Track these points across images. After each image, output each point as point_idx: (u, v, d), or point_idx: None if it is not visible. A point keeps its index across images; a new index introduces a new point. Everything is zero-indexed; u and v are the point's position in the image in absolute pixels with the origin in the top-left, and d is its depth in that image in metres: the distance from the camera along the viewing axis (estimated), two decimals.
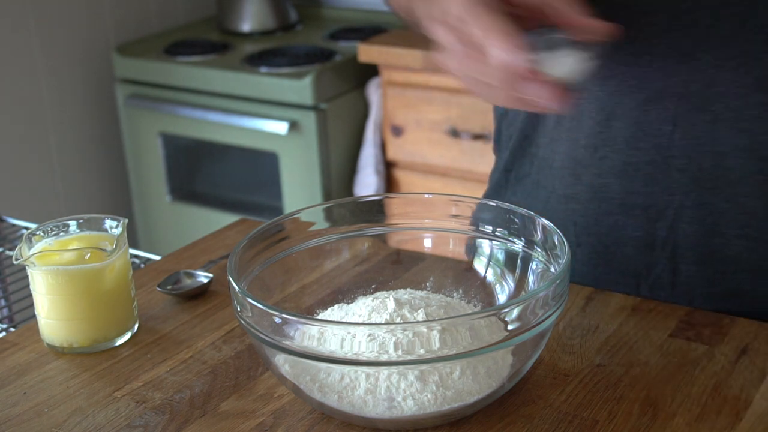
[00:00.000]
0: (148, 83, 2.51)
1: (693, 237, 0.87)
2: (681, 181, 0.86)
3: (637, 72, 0.85)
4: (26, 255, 0.83)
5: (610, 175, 0.89)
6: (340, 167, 2.38)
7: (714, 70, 0.82)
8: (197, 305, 0.91)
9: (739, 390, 0.74)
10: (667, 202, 0.87)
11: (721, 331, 0.82)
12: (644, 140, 0.86)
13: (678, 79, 0.83)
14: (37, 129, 2.47)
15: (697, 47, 0.82)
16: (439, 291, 0.85)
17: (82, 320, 0.84)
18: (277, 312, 0.69)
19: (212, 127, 2.44)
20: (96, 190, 2.66)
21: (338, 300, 0.84)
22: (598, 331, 0.83)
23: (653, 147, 0.86)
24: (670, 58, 0.83)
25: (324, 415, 0.73)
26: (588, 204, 0.92)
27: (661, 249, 0.89)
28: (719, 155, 0.84)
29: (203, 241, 1.05)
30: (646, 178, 0.87)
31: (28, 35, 2.41)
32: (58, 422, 0.74)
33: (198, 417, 0.74)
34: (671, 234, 0.88)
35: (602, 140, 0.89)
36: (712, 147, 0.84)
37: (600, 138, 0.89)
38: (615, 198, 0.90)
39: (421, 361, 0.67)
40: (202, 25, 2.76)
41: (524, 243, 0.81)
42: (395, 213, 0.87)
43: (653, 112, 0.85)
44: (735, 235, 0.86)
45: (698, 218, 0.86)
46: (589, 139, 0.90)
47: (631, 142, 0.87)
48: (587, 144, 0.90)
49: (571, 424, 0.71)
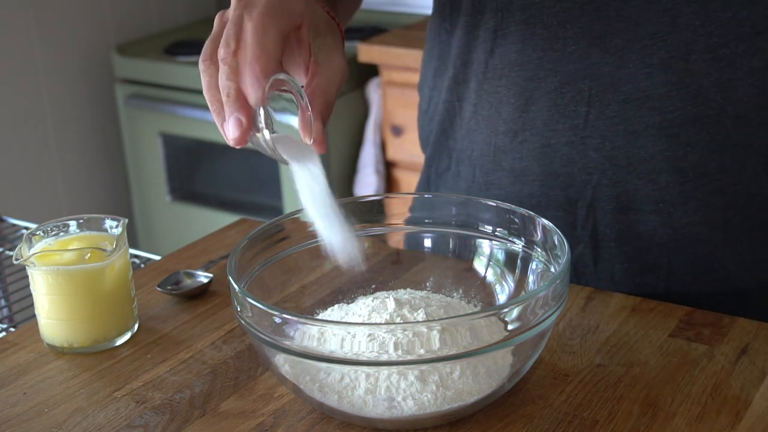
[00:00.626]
0: (148, 83, 2.51)
1: (611, 215, 0.90)
2: (597, 161, 0.89)
3: (553, 56, 0.88)
4: (26, 255, 0.83)
5: (530, 158, 0.92)
6: (340, 167, 2.38)
7: (623, 52, 0.85)
8: (197, 305, 0.91)
9: (739, 390, 0.74)
10: (585, 181, 0.90)
11: (721, 331, 0.82)
12: (561, 122, 0.89)
13: (590, 61, 0.86)
14: (37, 129, 2.47)
15: (606, 30, 0.85)
16: (439, 291, 0.85)
17: (82, 320, 0.84)
18: (277, 312, 0.69)
19: (212, 127, 2.43)
20: (96, 190, 2.66)
21: (338, 300, 0.84)
22: (598, 331, 0.83)
23: (570, 128, 0.89)
24: (582, 41, 0.86)
25: (324, 415, 0.73)
26: (510, 188, 0.94)
27: (582, 228, 0.92)
28: (631, 134, 0.87)
29: (203, 241, 1.05)
30: (564, 158, 0.90)
31: (28, 35, 2.41)
32: (58, 422, 0.74)
33: (198, 417, 0.74)
34: (590, 212, 0.91)
35: (521, 125, 0.91)
36: (624, 126, 0.87)
37: (519, 122, 0.91)
38: (536, 180, 0.92)
39: (421, 361, 0.67)
40: (202, 25, 2.76)
41: (524, 243, 0.81)
42: (395, 213, 0.87)
43: (568, 95, 0.88)
44: (649, 211, 0.89)
45: (614, 196, 0.89)
46: (508, 124, 0.92)
47: (549, 124, 0.90)
48: (507, 130, 0.92)
49: (571, 424, 0.71)
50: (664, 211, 0.88)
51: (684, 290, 0.90)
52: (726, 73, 0.83)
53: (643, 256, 0.91)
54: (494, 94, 0.92)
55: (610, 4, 0.84)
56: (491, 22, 0.91)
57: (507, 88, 0.91)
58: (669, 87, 0.84)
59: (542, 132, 0.90)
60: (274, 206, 2.47)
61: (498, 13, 0.90)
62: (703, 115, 0.85)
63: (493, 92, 0.92)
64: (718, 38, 0.83)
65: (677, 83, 0.84)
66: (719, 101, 0.84)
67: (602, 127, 0.87)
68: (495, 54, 0.91)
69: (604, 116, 0.87)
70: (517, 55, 0.90)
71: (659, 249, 0.90)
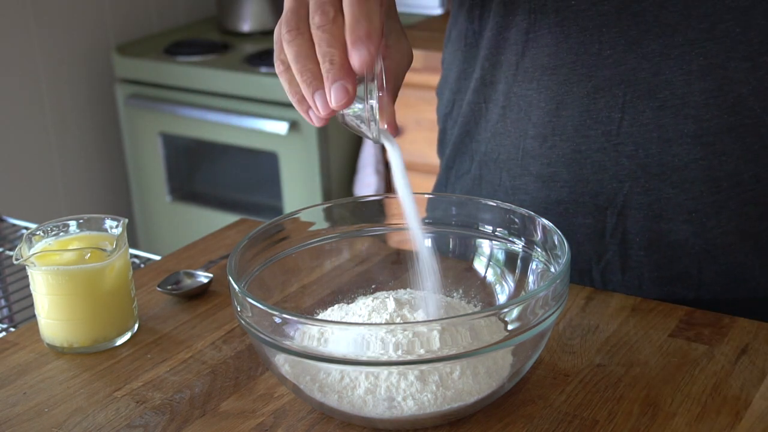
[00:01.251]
0: (148, 83, 2.51)
1: (641, 223, 0.89)
2: (629, 168, 0.87)
3: (587, 61, 0.86)
4: (26, 255, 0.83)
5: (559, 163, 0.90)
6: (340, 167, 2.38)
7: (660, 58, 0.84)
8: (197, 305, 0.91)
9: (739, 390, 0.74)
10: (616, 188, 0.89)
11: (721, 331, 0.82)
12: (593, 128, 0.88)
13: (626, 67, 0.85)
14: (37, 129, 2.47)
15: (644, 36, 0.84)
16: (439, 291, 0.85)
17: (82, 320, 0.84)
18: (277, 312, 0.69)
19: (212, 127, 2.44)
20: (96, 190, 2.66)
21: (338, 300, 0.84)
22: (598, 331, 0.83)
23: (602, 134, 0.87)
24: (619, 47, 0.85)
25: (324, 415, 0.73)
26: (537, 194, 0.93)
27: (611, 235, 0.91)
28: (666, 142, 0.85)
29: (203, 241, 1.05)
30: (595, 165, 0.89)
31: (28, 35, 2.41)
32: (58, 422, 0.74)
33: (198, 417, 0.74)
34: (621, 220, 0.89)
35: (551, 129, 0.90)
36: (659, 134, 0.85)
37: (549, 127, 0.90)
38: (564, 186, 0.91)
39: (421, 361, 0.67)
40: (202, 25, 2.76)
41: (524, 243, 0.81)
42: (395, 213, 0.87)
43: (602, 100, 0.87)
44: (682, 221, 0.87)
45: (646, 204, 0.88)
46: (538, 129, 0.91)
47: (580, 129, 0.88)
48: (536, 134, 0.91)
49: (571, 424, 0.71)
50: (696, 220, 0.87)
51: (713, 300, 0.89)
52: (765, 82, 0.82)
53: (673, 266, 0.89)
54: (524, 97, 0.90)
55: (647, 9, 0.83)
56: (523, 23, 0.89)
57: (538, 92, 0.89)
58: (706, 95, 0.83)
59: (573, 138, 0.89)
60: (274, 206, 2.47)
61: (531, 14, 0.88)
62: (739, 124, 0.83)
63: (523, 95, 0.90)
64: (758, 46, 0.81)
65: (715, 91, 0.83)
66: (757, 110, 0.83)
67: (636, 134, 0.86)
68: (526, 56, 0.89)
69: (638, 123, 0.85)
70: (549, 58, 0.88)
71: (690, 259, 0.88)
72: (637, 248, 0.90)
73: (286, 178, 2.39)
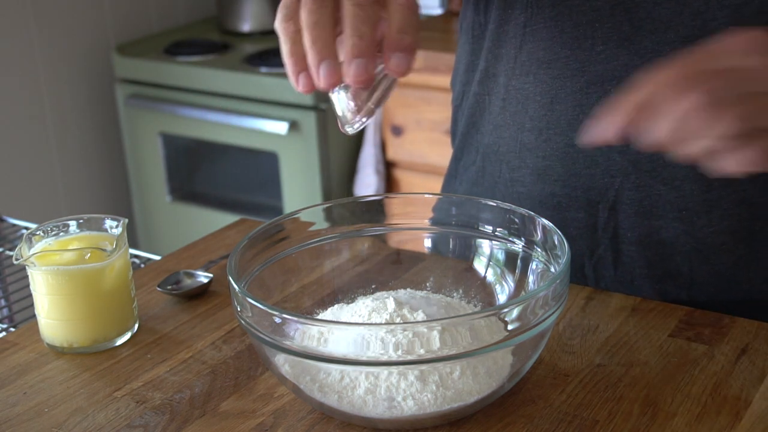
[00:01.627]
0: (148, 83, 2.51)
1: (633, 218, 0.89)
2: (621, 164, 0.88)
3: (580, 56, 0.87)
4: (26, 255, 0.83)
5: (554, 157, 0.91)
6: (340, 167, 2.38)
7: (653, 55, 0.84)
8: (197, 305, 0.91)
9: (739, 390, 0.74)
10: (608, 184, 0.89)
11: (721, 331, 0.82)
12: (586, 122, 0.87)
13: (618, 62, 0.85)
14: (37, 129, 2.47)
15: (636, 32, 0.84)
16: (439, 291, 0.85)
17: (82, 320, 0.84)
18: (277, 312, 0.69)
19: (212, 127, 2.44)
20: (96, 190, 2.66)
21: (338, 300, 0.84)
22: (598, 331, 0.83)
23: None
24: (611, 42, 0.85)
25: (324, 415, 0.73)
26: (532, 186, 0.93)
27: (603, 230, 0.91)
28: None
29: (203, 241, 1.05)
30: (588, 160, 0.89)
31: (28, 35, 2.41)
32: (58, 422, 0.74)
33: (198, 417, 0.74)
34: (612, 215, 0.90)
35: (546, 123, 0.91)
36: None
37: (545, 121, 0.91)
38: (558, 180, 0.91)
39: (421, 361, 0.67)
40: (202, 25, 2.76)
41: (524, 243, 0.81)
42: (395, 213, 0.87)
43: (594, 95, 0.87)
44: (672, 218, 0.88)
45: (637, 200, 0.88)
46: (534, 122, 0.91)
47: (573, 124, 0.89)
48: (532, 127, 0.92)
49: (571, 424, 0.71)
50: (686, 218, 0.87)
51: (707, 300, 0.89)
52: None
53: (665, 263, 0.89)
54: (522, 90, 0.92)
55: (641, 5, 0.83)
56: (521, 17, 0.90)
57: (534, 85, 0.91)
58: None
59: (566, 132, 0.89)
60: (274, 206, 2.47)
61: (528, 8, 0.89)
62: None
63: (521, 89, 0.92)
64: None
65: None
66: None
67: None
68: (524, 50, 0.91)
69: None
70: (544, 52, 0.89)
71: (681, 257, 0.89)
72: (629, 244, 0.90)
73: (286, 178, 2.39)
